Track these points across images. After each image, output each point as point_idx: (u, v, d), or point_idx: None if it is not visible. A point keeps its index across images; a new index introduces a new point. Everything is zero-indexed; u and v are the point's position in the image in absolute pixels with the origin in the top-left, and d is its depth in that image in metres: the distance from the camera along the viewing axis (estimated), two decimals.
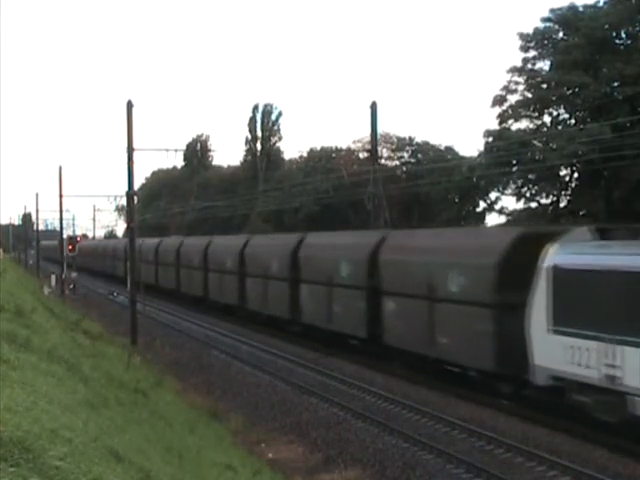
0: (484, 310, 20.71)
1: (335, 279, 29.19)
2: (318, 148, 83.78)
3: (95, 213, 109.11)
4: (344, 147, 79.94)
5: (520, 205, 52.39)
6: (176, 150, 35.87)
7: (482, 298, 20.78)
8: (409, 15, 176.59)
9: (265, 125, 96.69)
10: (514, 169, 47.53)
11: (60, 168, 59.86)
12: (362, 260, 27.48)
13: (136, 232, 34.03)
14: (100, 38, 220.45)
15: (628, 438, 16.34)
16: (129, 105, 31.33)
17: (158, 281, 56.09)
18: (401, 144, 70.89)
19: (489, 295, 20.61)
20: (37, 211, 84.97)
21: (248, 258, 38.93)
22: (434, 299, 22.96)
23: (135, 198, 34.57)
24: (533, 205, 51.53)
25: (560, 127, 48.97)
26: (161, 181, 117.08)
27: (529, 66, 51.50)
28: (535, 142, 47.19)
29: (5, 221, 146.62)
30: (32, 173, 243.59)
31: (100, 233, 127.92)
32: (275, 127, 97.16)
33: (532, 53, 51.39)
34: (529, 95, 50.95)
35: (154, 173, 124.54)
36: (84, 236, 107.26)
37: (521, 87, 51.66)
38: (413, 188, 52.62)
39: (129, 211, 35.25)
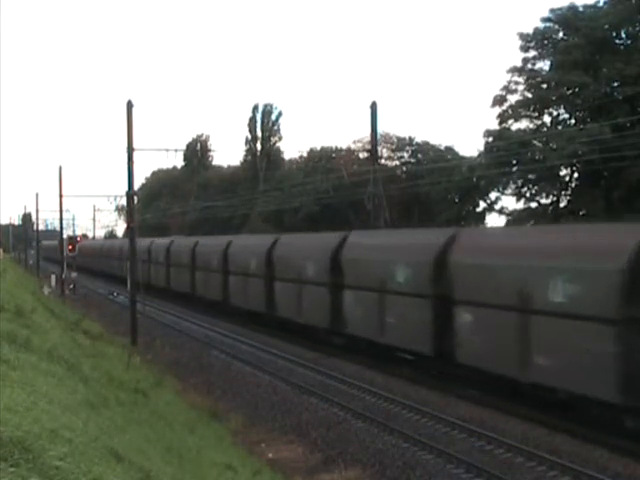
0: (604, 326, 16.75)
1: (389, 285, 25.22)
2: (318, 148, 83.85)
3: (95, 213, 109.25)
4: (344, 147, 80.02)
5: (520, 205, 52.48)
6: (176, 150, 35.88)
7: (601, 311, 16.80)
8: (409, 15, 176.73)
9: (265, 125, 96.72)
10: (514, 169, 47.55)
11: (60, 168, 59.91)
12: (426, 263, 23.41)
13: (136, 232, 34.05)
14: (100, 38, 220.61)
15: (628, 438, 16.34)
16: (129, 105, 31.34)
17: (170, 284, 53.09)
18: (401, 144, 70.90)
19: (612, 308, 16.67)
20: (37, 211, 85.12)
21: (277, 260, 34.94)
22: (529, 311, 18.95)
23: (135, 198, 34.58)
24: (533, 205, 51.57)
25: (560, 127, 48.97)
26: (161, 181, 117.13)
27: (529, 66, 51.53)
28: (535, 142, 47.21)
29: (5, 221, 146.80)
30: (32, 173, 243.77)
31: (100, 233, 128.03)
32: (275, 127, 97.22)
33: (532, 53, 51.44)
34: (529, 95, 50.97)
35: (154, 173, 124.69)
36: (84, 236, 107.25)
37: (521, 87, 51.72)
38: (413, 188, 52.63)
39: (129, 211, 35.26)
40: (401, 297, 24.65)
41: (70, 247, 59.32)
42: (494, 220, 58.40)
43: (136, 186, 39.59)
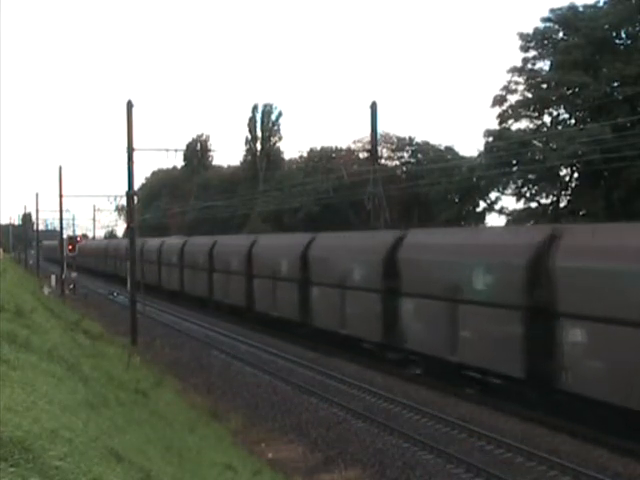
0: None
1: (463, 293, 21.54)
2: (318, 148, 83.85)
3: (95, 213, 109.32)
4: (344, 147, 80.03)
5: (520, 205, 52.48)
6: (176, 150, 35.93)
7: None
8: (409, 15, 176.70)
9: (265, 125, 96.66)
10: (514, 169, 47.55)
11: (60, 168, 59.92)
12: (518, 267, 19.64)
13: (136, 232, 34.05)
14: (100, 38, 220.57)
15: (628, 438, 16.34)
16: (129, 105, 31.34)
17: (184, 288, 49.83)
18: (401, 144, 70.91)
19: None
20: (37, 211, 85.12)
21: (313, 261, 31.69)
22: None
23: (135, 198, 34.57)
24: (533, 205, 51.56)
25: (560, 127, 48.97)
26: (161, 181, 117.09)
27: (529, 66, 51.53)
28: (535, 142, 47.20)
29: (5, 221, 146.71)
30: (32, 173, 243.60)
31: (100, 233, 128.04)
32: (275, 127, 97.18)
33: (532, 53, 51.44)
34: (529, 95, 50.97)
35: (154, 173, 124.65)
36: (84, 236, 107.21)
37: (521, 87, 51.72)
38: (413, 188, 52.64)
39: (129, 211, 35.27)
40: (481, 307, 20.82)
41: (70, 247, 59.38)
42: (494, 220, 58.41)
43: (136, 186, 39.62)
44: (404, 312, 24.49)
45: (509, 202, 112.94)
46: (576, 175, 48.95)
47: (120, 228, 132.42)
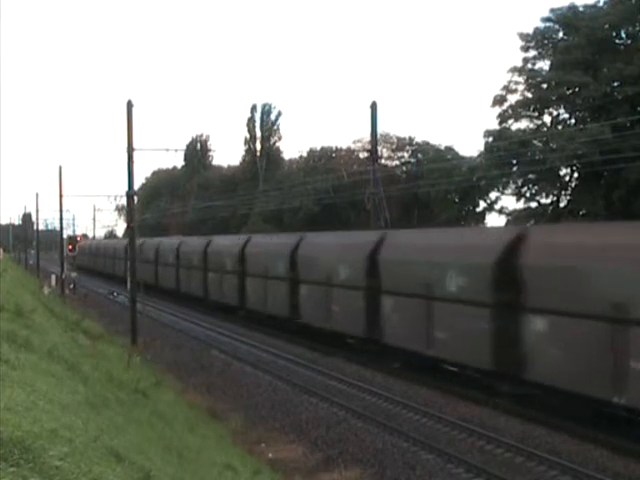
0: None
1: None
2: (318, 148, 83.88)
3: (95, 213, 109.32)
4: (344, 147, 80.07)
5: (520, 205, 52.51)
6: (176, 150, 35.97)
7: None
8: (409, 15, 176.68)
9: (264, 125, 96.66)
10: (514, 169, 47.56)
11: (60, 168, 59.85)
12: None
13: (136, 232, 34.02)
14: (100, 38, 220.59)
15: (628, 438, 16.34)
16: (129, 105, 31.31)
17: (208, 293, 45.15)
18: (401, 144, 70.95)
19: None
20: (37, 211, 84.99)
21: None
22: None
23: (135, 198, 34.55)
24: (533, 205, 51.59)
25: (560, 127, 48.98)
26: (161, 181, 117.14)
27: (529, 66, 51.56)
28: (535, 142, 47.22)
29: (5, 221, 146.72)
30: (32, 173, 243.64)
31: (100, 233, 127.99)
32: (274, 127, 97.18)
33: (532, 53, 51.50)
34: (529, 95, 51.00)
35: (154, 173, 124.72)
36: (84, 236, 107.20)
37: (521, 87, 51.77)
38: (413, 188, 52.65)
39: (129, 211, 35.22)
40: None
41: (70, 247, 59.40)
42: (494, 220, 58.46)
43: (136, 186, 39.59)
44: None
45: (509, 202, 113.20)
46: (576, 175, 48.98)
47: (120, 228, 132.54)
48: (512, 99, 51.69)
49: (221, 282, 42.16)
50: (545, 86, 50.19)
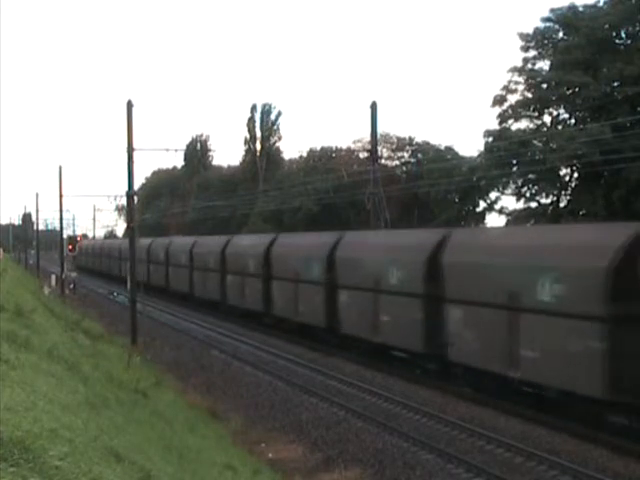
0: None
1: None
2: (318, 148, 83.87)
3: (95, 213, 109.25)
4: (344, 147, 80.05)
5: (520, 205, 52.46)
6: (176, 150, 35.97)
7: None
8: (409, 15, 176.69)
9: (264, 125, 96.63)
10: (514, 169, 47.53)
11: (60, 168, 59.89)
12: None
13: (136, 232, 34.01)
14: (100, 38, 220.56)
15: (628, 438, 16.34)
16: (129, 105, 31.31)
17: (227, 298, 41.98)
18: (401, 144, 70.93)
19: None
20: (37, 211, 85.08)
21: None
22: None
23: (135, 198, 34.55)
24: (533, 205, 51.54)
25: (560, 127, 48.96)
26: (161, 181, 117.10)
27: (529, 66, 51.51)
28: (535, 142, 47.19)
29: (5, 221, 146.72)
30: (32, 173, 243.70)
31: (100, 233, 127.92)
32: (274, 127, 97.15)
33: (532, 53, 51.43)
34: (529, 95, 50.95)
35: (154, 173, 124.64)
36: (84, 236, 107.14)
37: (521, 87, 51.70)
38: (413, 188, 52.62)
39: (129, 211, 35.22)
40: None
41: (70, 247, 59.40)
42: (494, 220, 58.42)
43: (136, 186, 39.58)
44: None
45: (509, 202, 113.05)
46: (576, 175, 48.94)
47: (120, 228, 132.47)
48: (512, 99, 51.69)
49: (242, 286, 38.85)
50: (545, 86, 50.15)
